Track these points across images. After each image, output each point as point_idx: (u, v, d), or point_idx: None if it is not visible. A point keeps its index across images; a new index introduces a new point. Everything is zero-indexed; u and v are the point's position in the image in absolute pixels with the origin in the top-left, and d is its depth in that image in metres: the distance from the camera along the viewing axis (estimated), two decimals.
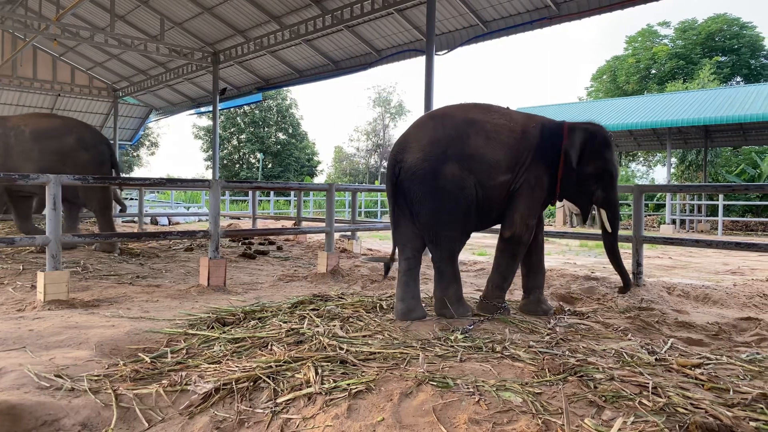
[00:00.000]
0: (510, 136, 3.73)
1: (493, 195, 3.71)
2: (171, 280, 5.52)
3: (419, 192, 3.62)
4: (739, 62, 30.78)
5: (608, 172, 3.86)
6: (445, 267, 3.79)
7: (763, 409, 2.17)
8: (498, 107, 3.96)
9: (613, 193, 3.93)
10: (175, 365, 2.70)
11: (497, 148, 3.66)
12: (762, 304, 4.86)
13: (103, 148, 7.29)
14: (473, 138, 3.65)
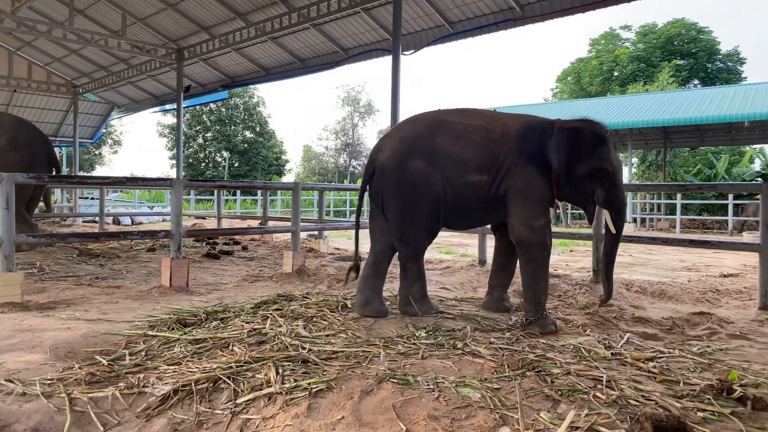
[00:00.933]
0: (483, 136, 3.66)
1: (465, 194, 3.66)
2: (132, 281, 5.40)
3: (387, 187, 3.74)
4: (696, 66, 31.83)
5: (602, 170, 3.57)
6: (410, 264, 3.82)
7: (710, 399, 2.26)
8: (482, 111, 3.91)
9: (615, 192, 3.64)
10: (133, 367, 2.65)
11: (466, 146, 3.64)
12: (714, 299, 5.05)
13: (38, 148, 7.05)
14: (440, 136, 3.71)
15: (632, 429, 1.95)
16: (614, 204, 3.67)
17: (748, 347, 3.29)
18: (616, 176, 3.64)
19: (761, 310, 4.43)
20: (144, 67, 15.03)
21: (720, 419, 2.09)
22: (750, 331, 3.72)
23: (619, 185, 3.67)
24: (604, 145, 3.60)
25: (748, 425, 2.04)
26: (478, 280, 5.61)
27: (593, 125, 3.64)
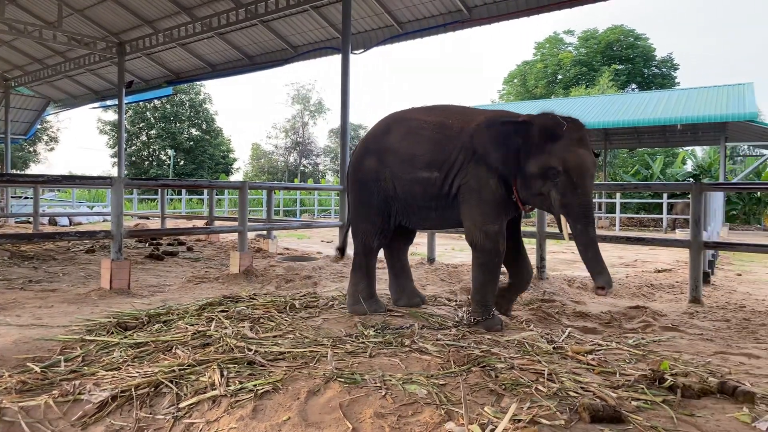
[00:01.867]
0: (438, 132, 3.54)
1: (416, 191, 3.60)
2: (69, 283, 5.17)
3: (348, 186, 3.95)
4: (634, 70, 33.29)
5: (551, 168, 3.19)
6: (359, 261, 3.85)
7: (644, 389, 2.37)
8: (455, 108, 3.78)
9: (571, 195, 3.17)
10: (69, 374, 2.53)
11: (416, 143, 3.59)
12: (649, 294, 5.29)
13: None
14: (393, 133, 3.73)
15: (571, 420, 2.02)
16: (570, 209, 3.21)
17: (679, 338, 3.47)
18: (570, 176, 3.17)
19: (691, 303, 4.68)
20: (83, 60, 14.41)
21: (652, 407, 2.19)
22: (681, 323, 3.92)
23: (577, 187, 3.17)
24: (555, 140, 3.22)
25: (678, 412, 2.15)
26: (426, 278, 5.68)
27: (545, 119, 3.30)
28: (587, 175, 3.23)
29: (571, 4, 8.12)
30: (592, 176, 3.31)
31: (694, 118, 15.35)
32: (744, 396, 2.29)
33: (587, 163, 3.24)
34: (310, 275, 5.64)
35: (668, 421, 2.06)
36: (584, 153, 3.25)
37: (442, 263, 6.74)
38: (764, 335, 3.61)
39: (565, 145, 3.22)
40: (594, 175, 3.34)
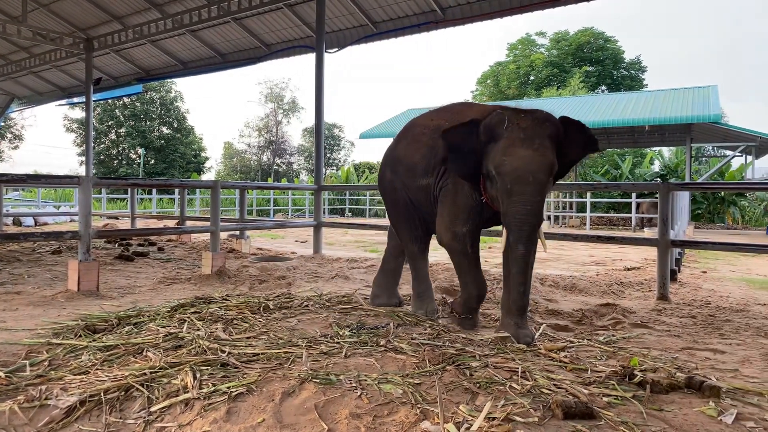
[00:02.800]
0: (433, 137, 3.45)
1: (420, 198, 3.62)
2: (34, 285, 5.02)
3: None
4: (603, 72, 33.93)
5: (489, 171, 3.00)
6: (411, 266, 3.94)
7: (614, 385, 2.42)
8: (456, 107, 3.67)
9: (507, 203, 2.94)
10: (35, 379, 2.46)
11: (416, 150, 3.60)
12: (619, 291, 5.40)
13: None
14: (401, 142, 3.83)
15: (545, 416, 2.05)
16: (505, 218, 2.99)
17: (648, 335, 3.55)
18: (504, 181, 2.91)
19: (659, 300, 4.79)
20: (48, 56, 14.03)
21: (623, 403, 2.23)
22: (649, 320, 4.01)
23: (512, 194, 2.90)
24: (496, 140, 3.00)
25: (647, 407, 2.19)
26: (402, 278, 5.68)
27: (491, 117, 3.06)
28: (523, 180, 2.85)
29: (542, 6, 8.24)
30: (536, 182, 2.85)
31: (661, 120, 15.73)
32: (710, 390, 2.35)
33: (524, 166, 2.84)
34: (284, 276, 5.60)
35: (638, 416, 2.11)
36: (523, 155, 2.86)
37: None
38: (729, 331, 3.72)
39: (503, 146, 2.95)
40: (541, 181, 2.87)
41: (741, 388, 2.47)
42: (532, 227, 2.94)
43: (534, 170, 2.87)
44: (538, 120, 2.99)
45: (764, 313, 4.41)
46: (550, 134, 2.99)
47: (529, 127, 2.96)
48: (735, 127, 16.57)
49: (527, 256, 2.99)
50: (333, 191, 24.50)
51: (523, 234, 2.93)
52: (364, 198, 25.30)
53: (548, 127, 2.99)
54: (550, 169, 2.94)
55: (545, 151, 2.92)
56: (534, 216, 2.92)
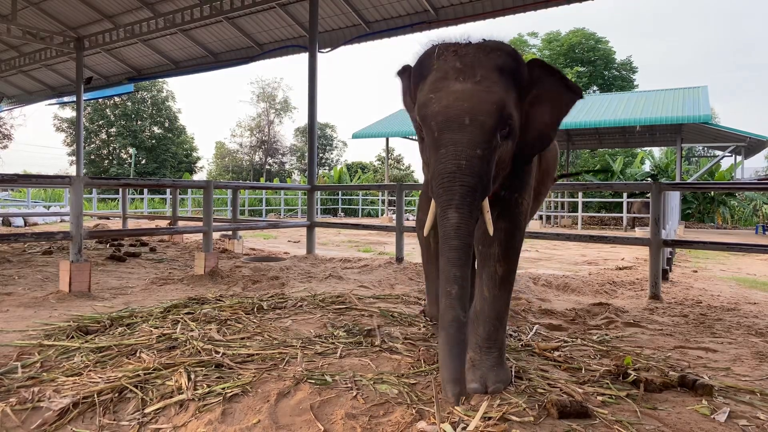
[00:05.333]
0: None
1: None
2: (25, 287, 4.98)
3: None
4: (595, 72, 34.10)
5: (420, 119, 2.11)
6: None
7: (608, 384, 2.43)
8: None
9: (438, 162, 2.01)
10: (27, 381, 2.43)
11: None
12: (611, 291, 5.43)
13: None
14: None
15: (540, 416, 2.06)
16: (431, 185, 2.08)
17: (641, 334, 3.57)
18: (430, 129, 2.05)
19: (651, 299, 4.83)
20: (38, 55, 13.91)
21: (617, 402, 2.25)
22: (642, 319, 4.03)
23: (439, 146, 2.01)
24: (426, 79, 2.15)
25: (641, 406, 2.21)
26: (395, 278, 5.69)
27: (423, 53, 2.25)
28: (455, 123, 1.97)
29: (535, 7, 8.27)
30: (475, 126, 1.95)
31: (652, 120, 15.84)
32: (703, 389, 2.37)
33: (456, 104, 1.97)
34: (278, 276, 5.58)
35: (632, 415, 2.12)
36: (457, 89, 2.00)
37: (410, 262, 6.77)
38: (720, 330, 3.75)
39: (431, 81, 2.10)
40: (483, 125, 1.96)
41: (733, 386, 2.49)
42: (465, 191, 1.93)
43: (471, 109, 1.96)
44: (483, 48, 2.10)
45: (755, 312, 4.45)
46: (501, 66, 2.06)
47: (469, 55, 2.08)
48: (725, 128, 16.72)
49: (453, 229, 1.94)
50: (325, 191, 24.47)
51: (452, 200, 1.93)
52: (357, 198, 25.28)
53: (499, 56, 2.08)
54: (499, 111, 1.98)
55: (491, 85, 2.01)
56: (470, 176, 1.93)
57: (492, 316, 2.36)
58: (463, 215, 1.93)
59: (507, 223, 2.39)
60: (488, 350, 2.35)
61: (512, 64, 2.12)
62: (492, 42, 2.16)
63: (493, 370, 2.30)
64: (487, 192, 2.03)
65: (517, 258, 2.45)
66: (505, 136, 2.08)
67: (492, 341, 2.36)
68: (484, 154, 1.98)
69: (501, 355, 2.38)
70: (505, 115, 2.02)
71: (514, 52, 2.16)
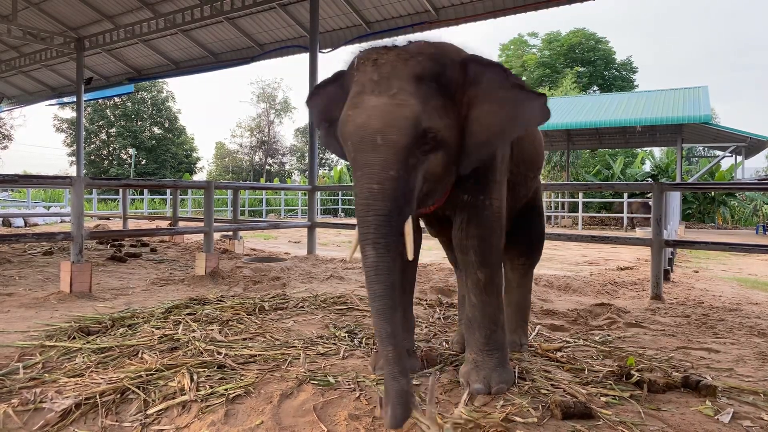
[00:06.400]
0: None
1: None
2: (26, 287, 4.97)
3: None
4: (595, 73, 34.12)
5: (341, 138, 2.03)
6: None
7: (612, 384, 2.42)
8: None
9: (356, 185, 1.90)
10: (29, 382, 2.43)
11: None
12: (613, 291, 5.42)
13: None
14: None
15: (544, 417, 2.05)
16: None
17: (643, 334, 3.56)
18: (347, 149, 1.98)
19: (653, 300, 4.82)
20: (39, 56, 13.91)
21: (620, 402, 2.24)
22: (644, 319, 4.03)
23: (356, 167, 1.91)
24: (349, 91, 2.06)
25: (645, 407, 2.20)
26: None
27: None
28: (367, 145, 1.86)
29: (536, 7, 8.26)
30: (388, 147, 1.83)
31: (653, 120, 15.84)
32: (706, 390, 2.36)
33: (368, 123, 1.86)
34: (279, 276, 5.57)
35: (636, 416, 2.11)
36: (372, 105, 1.88)
37: None
38: (722, 330, 3.75)
39: (350, 96, 2.01)
40: (395, 145, 1.84)
41: (737, 387, 2.49)
42: (379, 221, 1.82)
43: (383, 128, 1.84)
44: (402, 54, 1.96)
45: (757, 312, 4.44)
46: (420, 74, 1.93)
47: (387, 64, 1.94)
48: (725, 128, 16.72)
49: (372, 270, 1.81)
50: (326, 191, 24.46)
51: (368, 234, 1.83)
52: None
53: (417, 63, 1.94)
54: (413, 126, 1.85)
55: (406, 98, 1.88)
56: (383, 201, 1.82)
57: (486, 322, 2.33)
58: (379, 252, 1.80)
59: (477, 229, 2.28)
60: (489, 353, 2.33)
61: (435, 68, 1.97)
62: (414, 46, 2.01)
63: (496, 371, 2.29)
64: (408, 212, 1.91)
65: (498, 259, 2.37)
66: (428, 151, 1.92)
67: (492, 344, 2.33)
68: (399, 175, 1.84)
69: (503, 356, 2.36)
70: (422, 131, 1.88)
71: (440, 53, 2.02)
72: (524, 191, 2.79)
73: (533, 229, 3.04)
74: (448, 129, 1.98)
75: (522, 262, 3.01)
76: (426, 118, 1.89)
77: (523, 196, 2.80)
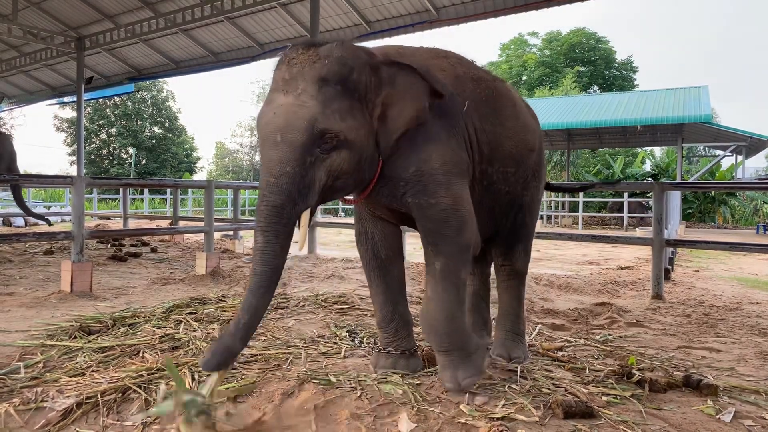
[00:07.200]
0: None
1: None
2: (26, 286, 4.97)
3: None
4: (596, 72, 34.09)
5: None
6: None
7: (613, 384, 2.42)
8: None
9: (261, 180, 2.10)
10: (30, 381, 2.43)
11: None
12: (613, 290, 5.43)
13: None
14: None
15: (545, 416, 2.05)
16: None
17: (644, 334, 3.56)
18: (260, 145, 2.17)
19: (653, 299, 4.82)
20: (39, 55, 13.89)
21: (622, 402, 2.24)
22: (645, 318, 4.03)
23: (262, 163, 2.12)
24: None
25: (647, 406, 2.20)
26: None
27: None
28: (269, 142, 2.02)
29: (536, 6, 8.25)
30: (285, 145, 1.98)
31: (653, 120, 15.83)
32: (708, 389, 2.36)
33: (271, 121, 2.03)
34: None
35: (637, 415, 2.11)
36: (278, 104, 2.04)
37: (411, 262, 6.75)
38: (723, 330, 3.75)
39: (267, 93, 2.20)
40: (292, 143, 1.98)
41: (738, 386, 2.49)
42: (270, 211, 1.96)
43: (282, 126, 1.98)
44: (311, 56, 2.07)
45: (757, 312, 4.45)
46: (325, 77, 2.02)
47: (297, 65, 2.06)
48: (726, 127, 16.72)
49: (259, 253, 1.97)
50: None
51: (259, 221, 1.99)
52: None
53: (323, 66, 2.03)
54: (310, 127, 1.97)
55: (306, 99, 1.99)
56: (276, 195, 1.96)
57: (441, 318, 2.21)
58: (267, 238, 1.96)
59: (427, 222, 2.23)
60: (447, 352, 2.24)
61: (341, 71, 2.05)
62: (326, 48, 2.09)
63: (460, 368, 2.22)
64: (302, 206, 2.03)
65: (457, 251, 2.22)
66: (329, 149, 2.01)
67: (448, 343, 2.23)
68: (296, 171, 1.97)
69: (463, 353, 2.23)
70: (319, 131, 1.98)
71: (346, 57, 2.07)
72: (506, 188, 2.64)
73: (515, 229, 2.82)
74: (352, 130, 2.05)
75: (501, 262, 2.86)
76: (323, 120, 1.98)
77: (506, 193, 2.66)
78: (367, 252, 2.55)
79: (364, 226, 2.58)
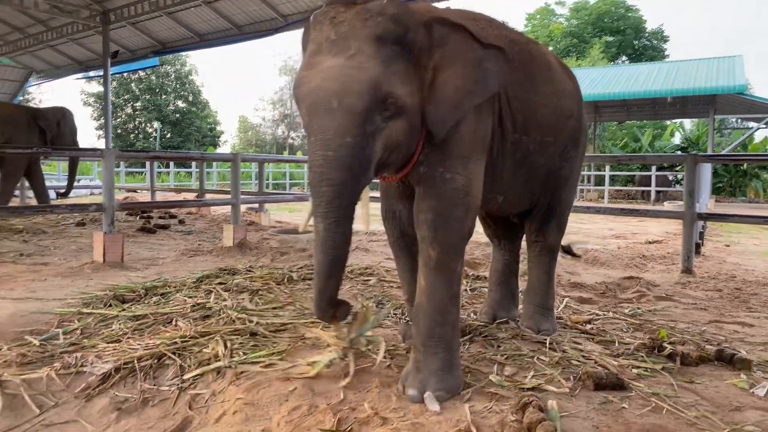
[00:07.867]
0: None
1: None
2: (61, 257, 5.11)
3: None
4: (624, 42, 33.11)
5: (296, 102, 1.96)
6: None
7: (643, 357, 2.41)
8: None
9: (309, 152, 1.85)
10: (69, 347, 2.52)
11: None
12: (641, 264, 5.35)
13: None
14: None
15: (575, 387, 2.05)
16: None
17: (674, 308, 3.52)
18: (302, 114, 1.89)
19: (683, 273, 4.74)
20: (65, 29, 13.99)
21: (653, 375, 2.22)
22: (674, 293, 3.97)
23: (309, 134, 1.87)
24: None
25: (678, 379, 2.18)
26: None
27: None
28: (322, 109, 1.77)
29: None
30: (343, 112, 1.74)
31: (684, 91, 15.37)
32: (741, 363, 2.33)
33: (323, 85, 1.77)
34: (305, 248, 5.62)
35: (669, 388, 2.10)
36: (328, 66, 1.79)
37: None
38: (756, 304, 3.68)
39: (306, 57, 1.92)
40: (352, 110, 1.74)
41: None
42: (333, 192, 1.77)
43: (338, 91, 1.74)
44: (361, 13, 1.82)
45: None
46: (381, 35, 1.79)
47: (344, 23, 1.82)
48: (760, 98, 16.13)
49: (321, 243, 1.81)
50: None
51: (319, 206, 1.79)
52: None
53: (377, 24, 1.80)
54: (372, 91, 1.75)
55: (364, 60, 1.76)
56: (337, 170, 1.75)
57: (431, 310, 2.00)
58: (329, 224, 1.77)
59: (434, 200, 2.01)
60: (431, 350, 2.00)
61: (396, 30, 1.82)
62: (374, 4, 1.84)
63: (436, 375, 1.95)
64: (365, 181, 1.84)
65: (457, 240, 2.03)
66: (389, 117, 1.80)
67: (435, 339, 2.00)
68: (356, 142, 1.74)
69: (449, 358, 2.01)
70: (381, 95, 1.76)
71: (401, 14, 1.84)
72: (543, 160, 2.49)
73: (552, 205, 2.71)
74: (411, 95, 1.85)
75: (534, 238, 2.77)
76: (387, 83, 1.77)
77: (543, 165, 2.51)
78: (394, 231, 2.43)
79: (391, 204, 2.43)
